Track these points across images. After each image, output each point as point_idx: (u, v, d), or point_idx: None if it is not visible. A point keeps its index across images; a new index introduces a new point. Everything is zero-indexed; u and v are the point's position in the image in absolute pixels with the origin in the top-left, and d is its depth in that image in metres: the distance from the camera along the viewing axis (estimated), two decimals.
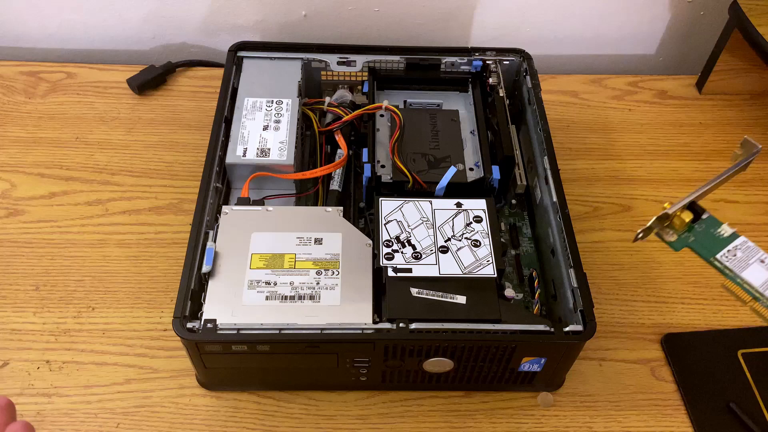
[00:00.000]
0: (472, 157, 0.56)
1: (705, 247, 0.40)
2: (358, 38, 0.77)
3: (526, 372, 0.48)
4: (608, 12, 0.77)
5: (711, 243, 0.40)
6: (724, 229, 0.41)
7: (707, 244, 0.40)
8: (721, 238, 0.40)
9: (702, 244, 0.40)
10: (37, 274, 0.56)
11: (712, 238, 0.40)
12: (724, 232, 0.41)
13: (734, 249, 0.39)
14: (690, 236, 0.40)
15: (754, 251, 0.39)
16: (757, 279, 0.38)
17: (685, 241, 0.40)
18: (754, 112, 0.74)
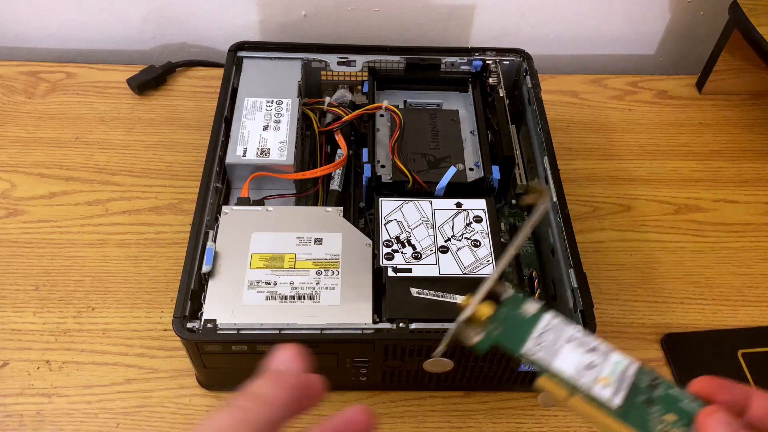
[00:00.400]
0: (472, 157, 0.56)
1: (512, 339, 0.30)
2: (358, 38, 0.77)
3: (526, 372, 0.48)
4: (608, 12, 0.77)
5: (517, 331, 0.30)
6: (528, 308, 0.31)
7: (514, 333, 0.30)
8: (526, 321, 0.30)
9: (509, 336, 0.30)
10: (37, 274, 0.56)
11: (518, 323, 0.30)
12: (528, 310, 0.30)
13: (542, 333, 0.30)
14: (495, 327, 0.30)
15: (560, 329, 0.30)
16: (568, 366, 0.29)
17: (490, 337, 0.30)
18: (754, 112, 0.74)
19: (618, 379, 0.28)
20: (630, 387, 0.28)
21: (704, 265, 0.61)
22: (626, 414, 0.28)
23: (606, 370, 0.29)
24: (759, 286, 0.59)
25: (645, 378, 0.29)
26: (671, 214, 0.64)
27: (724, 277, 0.60)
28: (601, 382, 0.28)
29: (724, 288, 0.59)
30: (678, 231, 0.63)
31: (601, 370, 0.29)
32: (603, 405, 0.28)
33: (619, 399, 0.28)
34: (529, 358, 0.29)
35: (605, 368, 0.29)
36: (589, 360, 0.29)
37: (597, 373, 0.29)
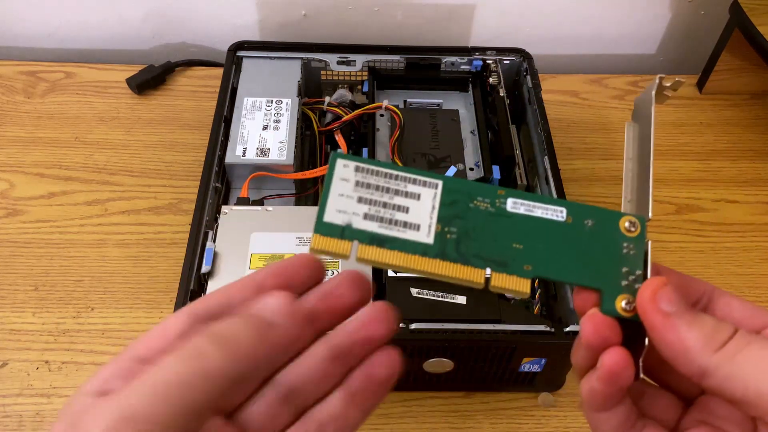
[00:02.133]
0: (473, 157, 0.56)
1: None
2: (358, 38, 0.77)
3: (526, 372, 0.48)
4: (609, 12, 0.77)
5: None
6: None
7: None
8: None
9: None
10: (36, 275, 0.56)
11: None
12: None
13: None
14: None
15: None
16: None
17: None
18: (755, 111, 0.74)
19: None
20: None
21: (705, 265, 0.60)
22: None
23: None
24: (759, 286, 0.59)
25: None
26: (672, 214, 0.64)
27: (724, 277, 0.59)
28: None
29: (725, 288, 0.58)
30: (678, 231, 0.63)
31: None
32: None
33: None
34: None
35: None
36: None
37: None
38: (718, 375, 0.22)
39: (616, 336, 0.24)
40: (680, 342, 0.23)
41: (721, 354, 0.22)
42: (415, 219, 0.25)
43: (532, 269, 0.25)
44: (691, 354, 0.22)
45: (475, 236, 0.25)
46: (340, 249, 0.25)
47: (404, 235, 0.25)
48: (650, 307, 0.23)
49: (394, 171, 0.25)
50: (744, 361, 0.22)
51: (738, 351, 0.22)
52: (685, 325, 0.23)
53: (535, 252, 0.25)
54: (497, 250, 0.25)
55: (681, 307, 0.23)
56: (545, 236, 0.25)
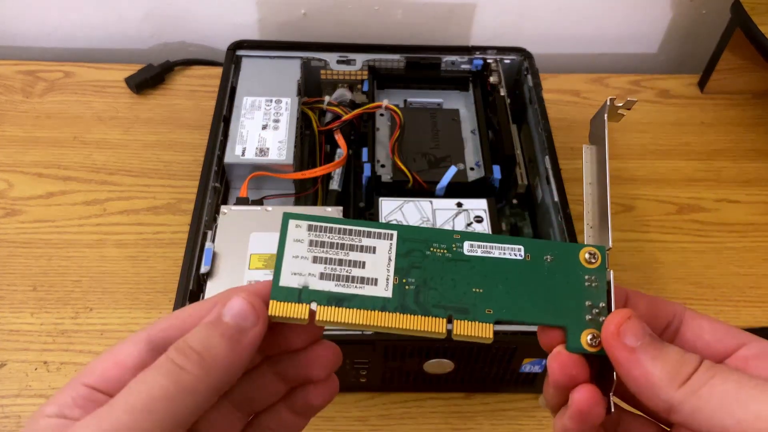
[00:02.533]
0: (473, 157, 0.56)
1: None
2: (358, 37, 0.76)
3: (527, 373, 0.48)
4: (610, 11, 0.76)
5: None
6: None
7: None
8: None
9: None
10: (34, 275, 0.56)
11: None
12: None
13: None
14: None
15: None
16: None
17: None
18: (757, 111, 0.74)
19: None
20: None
21: (706, 265, 0.60)
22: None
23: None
24: (762, 286, 0.59)
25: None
26: (673, 214, 0.64)
27: (726, 277, 0.59)
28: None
29: (727, 288, 0.58)
30: (680, 231, 0.62)
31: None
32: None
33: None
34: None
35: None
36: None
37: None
38: (684, 410, 0.22)
39: (583, 373, 0.24)
40: (645, 377, 0.22)
41: (685, 388, 0.22)
42: (372, 273, 0.25)
43: (494, 313, 0.25)
44: (657, 389, 0.22)
45: (433, 284, 0.25)
46: (297, 314, 0.24)
47: (362, 291, 0.25)
48: (614, 342, 0.23)
49: (348, 226, 0.25)
50: (708, 396, 0.21)
51: (702, 385, 0.22)
52: (650, 360, 0.22)
53: (496, 294, 0.25)
54: (457, 296, 0.25)
55: (646, 339, 0.23)
56: (505, 277, 0.25)
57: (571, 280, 0.25)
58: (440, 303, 0.25)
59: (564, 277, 0.25)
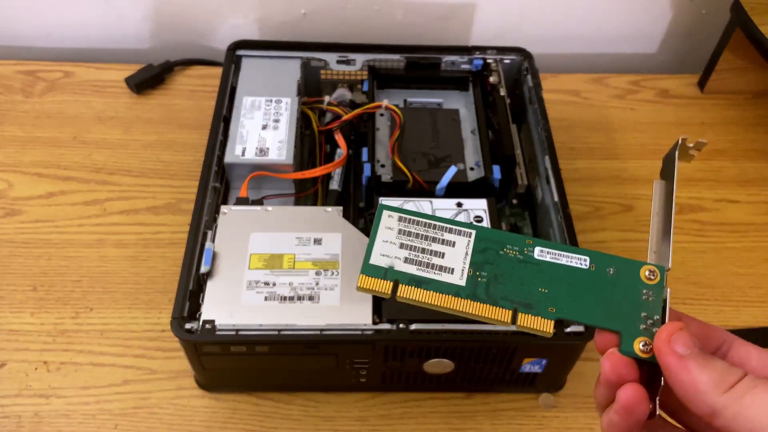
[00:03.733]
0: (473, 157, 0.56)
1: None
2: (358, 37, 0.76)
3: (527, 373, 0.48)
4: (610, 11, 0.76)
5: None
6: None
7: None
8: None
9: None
10: (34, 275, 0.56)
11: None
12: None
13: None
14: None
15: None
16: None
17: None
18: (757, 111, 0.74)
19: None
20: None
21: (707, 265, 0.60)
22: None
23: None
24: (762, 286, 0.59)
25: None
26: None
27: (726, 277, 0.59)
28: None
29: (727, 288, 0.58)
30: (680, 231, 0.62)
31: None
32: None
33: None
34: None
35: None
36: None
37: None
38: (726, 415, 0.24)
39: (632, 374, 0.26)
40: (692, 382, 0.24)
41: (729, 395, 0.24)
42: (450, 263, 0.28)
43: (556, 311, 0.27)
44: (702, 394, 0.24)
45: (503, 280, 0.28)
46: (382, 288, 0.28)
47: (440, 277, 0.28)
48: (666, 349, 0.25)
49: (433, 221, 0.29)
50: (750, 402, 0.23)
51: (745, 392, 0.24)
52: (697, 367, 0.25)
53: (559, 296, 0.28)
54: (524, 293, 0.28)
55: (695, 350, 0.25)
56: (569, 281, 0.28)
57: (630, 292, 0.28)
58: (508, 296, 0.27)
59: (624, 289, 0.28)
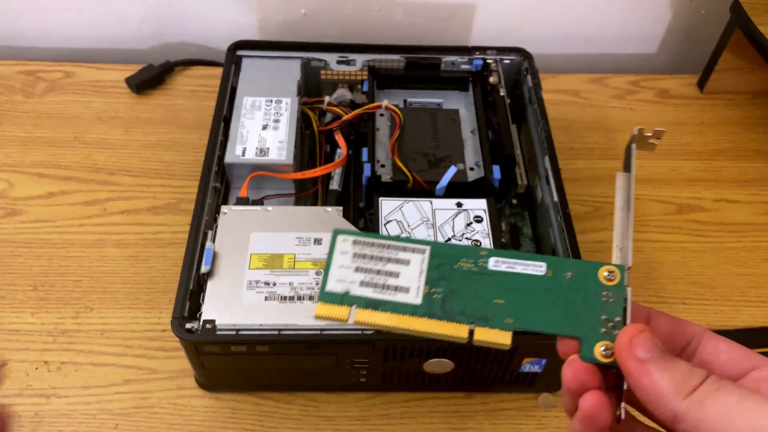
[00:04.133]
0: (473, 157, 0.56)
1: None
2: (358, 37, 0.76)
3: (527, 373, 0.48)
4: (609, 11, 0.76)
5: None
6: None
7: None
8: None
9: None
10: (34, 275, 0.56)
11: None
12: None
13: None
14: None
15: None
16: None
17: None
18: (756, 111, 0.74)
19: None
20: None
21: (706, 265, 0.60)
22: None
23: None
24: (761, 286, 0.59)
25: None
26: (673, 213, 0.64)
27: (726, 277, 0.59)
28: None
29: (726, 288, 0.58)
30: (680, 231, 0.63)
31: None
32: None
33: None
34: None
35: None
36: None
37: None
38: (688, 419, 0.23)
39: (594, 381, 0.25)
40: (653, 387, 0.23)
41: (690, 399, 0.23)
42: (405, 283, 0.28)
43: (513, 322, 0.27)
44: (664, 399, 0.23)
45: (459, 294, 0.27)
46: (339, 314, 0.28)
47: (395, 297, 0.28)
48: (626, 354, 0.24)
49: (387, 241, 0.28)
50: (711, 407, 0.22)
51: (706, 397, 0.23)
52: (658, 371, 0.24)
53: (516, 306, 0.27)
54: (480, 306, 0.27)
55: (656, 352, 0.24)
56: (526, 290, 0.27)
57: (589, 295, 0.27)
58: (464, 311, 0.27)
59: (583, 293, 0.27)
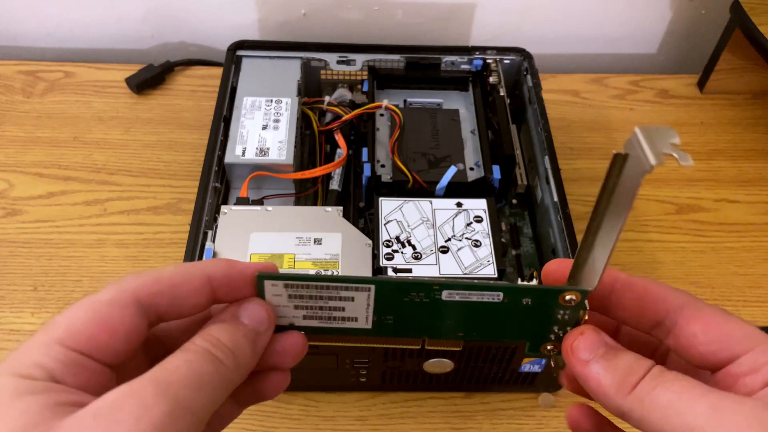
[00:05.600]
0: (473, 157, 0.56)
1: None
2: (358, 37, 0.76)
3: (526, 373, 0.48)
4: (609, 11, 0.77)
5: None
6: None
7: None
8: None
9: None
10: (35, 275, 0.56)
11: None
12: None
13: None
14: None
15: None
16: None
17: None
18: (756, 111, 0.74)
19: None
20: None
21: (706, 265, 0.60)
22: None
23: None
24: (761, 286, 0.59)
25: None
26: (672, 213, 0.64)
27: (725, 277, 0.59)
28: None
29: (726, 288, 0.59)
30: (679, 231, 0.63)
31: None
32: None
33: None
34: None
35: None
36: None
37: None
38: (633, 417, 0.22)
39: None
40: (598, 387, 0.23)
41: (632, 397, 0.22)
42: (352, 314, 0.26)
43: (464, 335, 0.27)
44: (608, 398, 0.23)
45: (411, 319, 0.26)
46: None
47: (344, 325, 0.27)
48: (570, 358, 0.24)
49: (323, 282, 0.26)
50: (651, 406, 0.22)
51: (646, 394, 0.22)
52: (601, 370, 0.23)
53: (469, 324, 0.26)
54: (432, 326, 0.26)
55: (599, 351, 0.24)
56: (480, 314, 0.26)
57: (544, 313, 0.26)
58: (416, 329, 0.27)
59: (538, 313, 0.26)
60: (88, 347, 0.21)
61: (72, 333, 0.21)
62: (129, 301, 0.22)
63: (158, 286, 0.23)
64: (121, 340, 0.21)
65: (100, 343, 0.21)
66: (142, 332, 0.22)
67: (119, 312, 0.22)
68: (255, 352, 0.24)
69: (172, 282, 0.23)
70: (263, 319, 0.24)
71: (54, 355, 0.20)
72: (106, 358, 0.21)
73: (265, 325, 0.24)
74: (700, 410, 0.20)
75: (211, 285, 0.24)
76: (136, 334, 0.22)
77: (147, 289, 0.22)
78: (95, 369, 0.21)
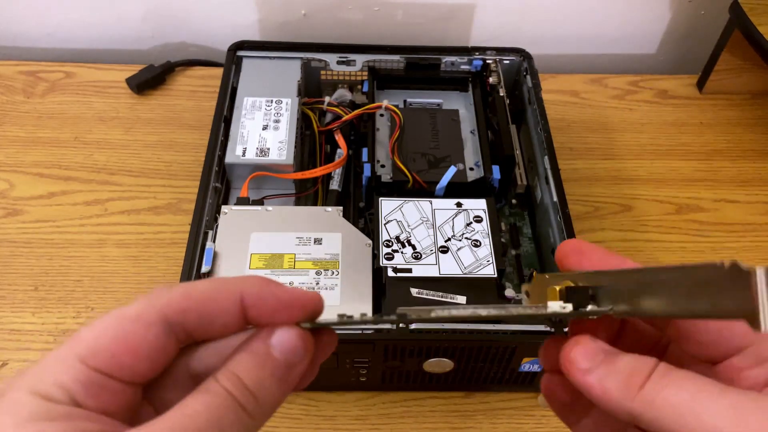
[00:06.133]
0: (473, 157, 0.56)
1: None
2: (358, 37, 0.77)
3: (526, 372, 0.48)
4: (609, 11, 0.77)
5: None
6: None
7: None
8: None
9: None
10: (35, 274, 0.56)
11: None
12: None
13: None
14: None
15: None
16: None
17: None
18: (755, 111, 0.74)
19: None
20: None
21: None
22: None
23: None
24: None
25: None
26: (672, 214, 0.64)
27: None
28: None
29: None
30: (679, 231, 0.63)
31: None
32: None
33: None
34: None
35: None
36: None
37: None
38: (645, 419, 0.21)
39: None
40: (603, 394, 0.22)
41: (640, 399, 0.21)
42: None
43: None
44: (615, 403, 0.22)
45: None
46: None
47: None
48: (570, 370, 0.23)
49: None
50: (662, 406, 0.21)
51: (656, 394, 0.21)
52: (604, 376, 0.22)
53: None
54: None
55: (598, 358, 0.23)
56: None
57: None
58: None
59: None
60: (110, 366, 0.20)
61: (94, 350, 0.20)
62: (155, 318, 0.21)
63: (187, 303, 0.22)
64: (143, 361, 0.21)
65: (122, 363, 0.20)
66: (170, 351, 0.21)
67: (143, 330, 0.21)
68: (284, 389, 0.22)
69: (202, 298, 0.22)
70: (298, 349, 0.22)
71: (75, 375, 0.20)
72: (129, 377, 0.20)
73: (301, 356, 0.22)
74: (720, 410, 0.20)
75: (243, 304, 0.22)
76: (162, 354, 0.21)
77: (175, 306, 0.21)
78: (117, 389, 0.20)
